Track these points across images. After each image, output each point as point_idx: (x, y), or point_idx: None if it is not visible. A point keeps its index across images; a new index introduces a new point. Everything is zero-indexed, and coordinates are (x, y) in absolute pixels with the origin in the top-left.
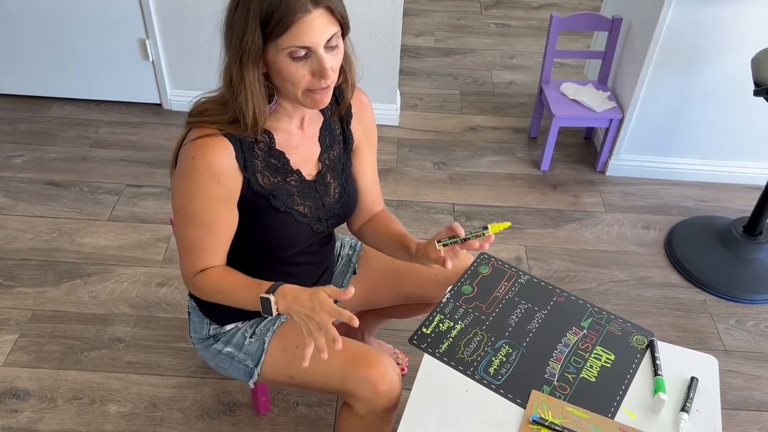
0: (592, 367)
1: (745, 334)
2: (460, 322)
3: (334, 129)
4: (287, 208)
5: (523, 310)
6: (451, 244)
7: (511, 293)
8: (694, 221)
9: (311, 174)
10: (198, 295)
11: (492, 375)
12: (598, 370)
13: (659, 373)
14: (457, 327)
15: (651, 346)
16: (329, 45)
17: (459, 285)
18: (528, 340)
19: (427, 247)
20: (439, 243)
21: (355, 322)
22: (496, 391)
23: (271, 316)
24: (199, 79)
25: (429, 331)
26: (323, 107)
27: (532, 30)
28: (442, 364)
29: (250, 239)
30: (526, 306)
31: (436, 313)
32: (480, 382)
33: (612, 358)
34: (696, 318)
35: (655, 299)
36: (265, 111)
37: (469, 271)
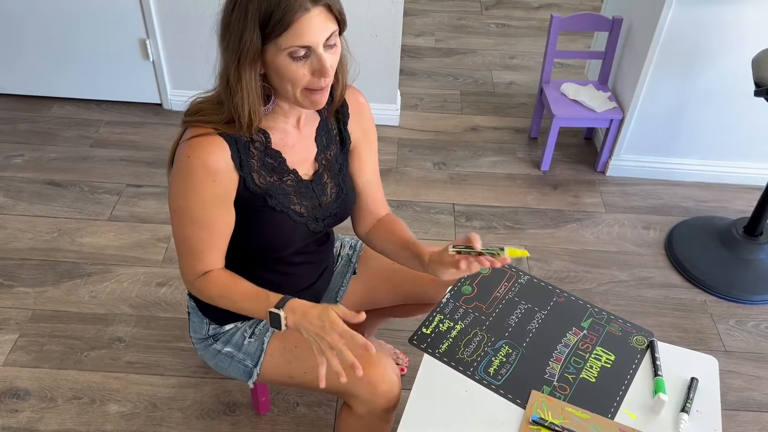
0: (592, 367)
1: (745, 335)
2: (460, 322)
3: (330, 129)
4: (283, 207)
5: (523, 311)
6: (465, 254)
7: (511, 293)
8: (694, 222)
9: (308, 174)
10: (201, 298)
11: (492, 375)
12: (598, 370)
13: (659, 373)
14: (457, 327)
15: (651, 346)
16: (328, 43)
17: (459, 285)
18: (528, 340)
19: (441, 254)
20: (453, 248)
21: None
22: (496, 391)
23: (279, 330)
24: (199, 78)
25: (429, 332)
26: (321, 107)
27: (533, 30)
28: (442, 364)
29: (247, 239)
30: (526, 306)
31: (436, 314)
32: (480, 382)
33: (612, 358)
34: (696, 318)
35: (655, 300)
36: (261, 111)
37: None
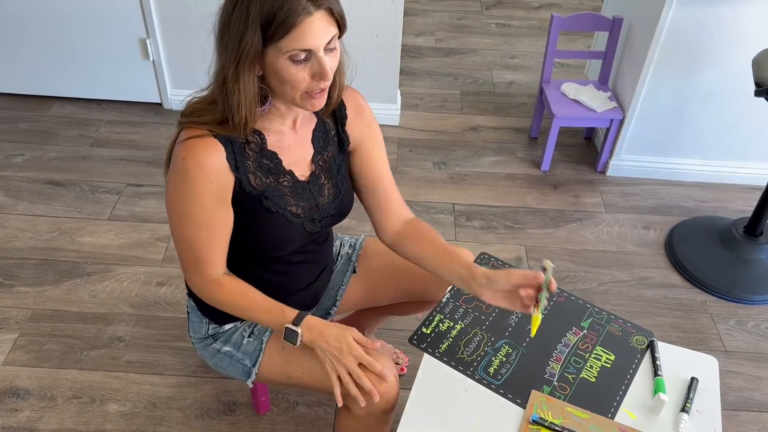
0: (592, 367)
1: (745, 335)
2: (459, 322)
3: (328, 130)
4: (279, 208)
5: None
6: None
7: None
8: (694, 221)
9: (304, 175)
10: (208, 303)
11: (492, 375)
12: (598, 370)
13: (659, 373)
14: (457, 327)
15: (651, 346)
16: (329, 47)
17: None
18: (528, 340)
19: (502, 279)
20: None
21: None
22: (496, 391)
23: (294, 346)
24: (199, 78)
25: (429, 331)
26: (319, 109)
27: (533, 30)
28: (442, 364)
29: (243, 239)
30: None
31: (435, 313)
32: (480, 382)
33: (612, 358)
34: (696, 318)
35: (655, 299)
36: (256, 113)
37: None
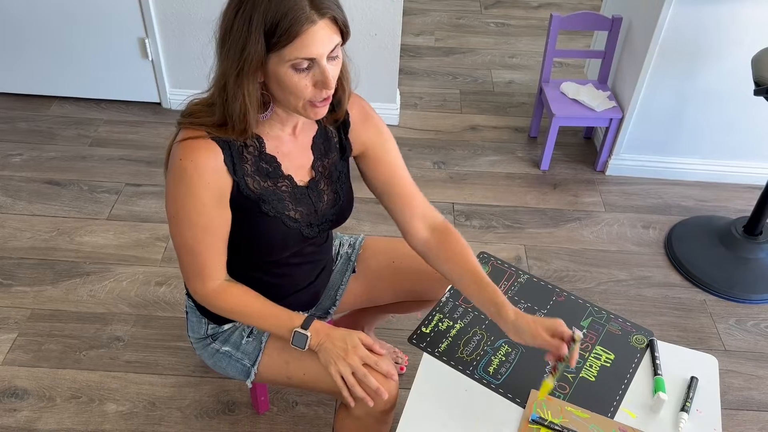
0: (591, 366)
1: (745, 334)
2: (459, 321)
3: (330, 137)
4: (277, 212)
5: (522, 310)
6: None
7: (510, 292)
8: (694, 221)
9: (303, 180)
10: (211, 309)
11: (491, 374)
12: (598, 369)
13: (659, 372)
14: (457, 326)
15: (651, 345)
16: (331, 55)
17: None
18: None
19: (536, 326)
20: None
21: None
22: (496, 390)
23: (302, 350)
24: (198, 78)
25: (428, 331)
26: (321, 117)
27: (532, 29)
28: (442, 363)
29: (240, 242)
30: (525, 305)
31: (435, 312)
32: (479, 381)
33: (612, 357)
34: (696, 318)
35: (654, 299)
36: (256, 119)
37: None
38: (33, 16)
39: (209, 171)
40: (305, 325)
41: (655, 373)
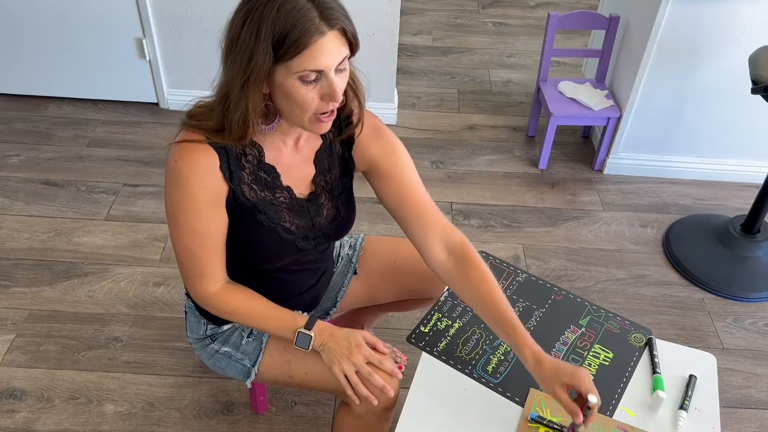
0: (590, 365)
1: (743, 332)
2: (458, 320)
3: (335, 152)
4: (272, 222)
5: (521, 309)
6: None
7: (509, 291)
8: (692, 219)
9: (303, 193)
10: (212, 313)
11: (490, 373)
12: (597, 368)
13: (658, 371)
14: (455, 325)
15: (649, 344)
16: (339, 68)
17: None
18: None
19: (555, 375)
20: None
21: (390, 392)
22: (495, 389)
23: (305, 350)
24: (196, 78)
25: (427, 330)
26: (326, 131)
27: (530, 29)
28: (441, 362)
29: (237, 246)
30: (524, 304)
31: (434, 312)
32: (478, 380)
33: (610, 356)
34: (694, 316)
35: (653, 297)
36: (257, 129)
37: None
38: (30, 17)
39: (204, 176)
40: (309, 326)
41: (654, 371)
